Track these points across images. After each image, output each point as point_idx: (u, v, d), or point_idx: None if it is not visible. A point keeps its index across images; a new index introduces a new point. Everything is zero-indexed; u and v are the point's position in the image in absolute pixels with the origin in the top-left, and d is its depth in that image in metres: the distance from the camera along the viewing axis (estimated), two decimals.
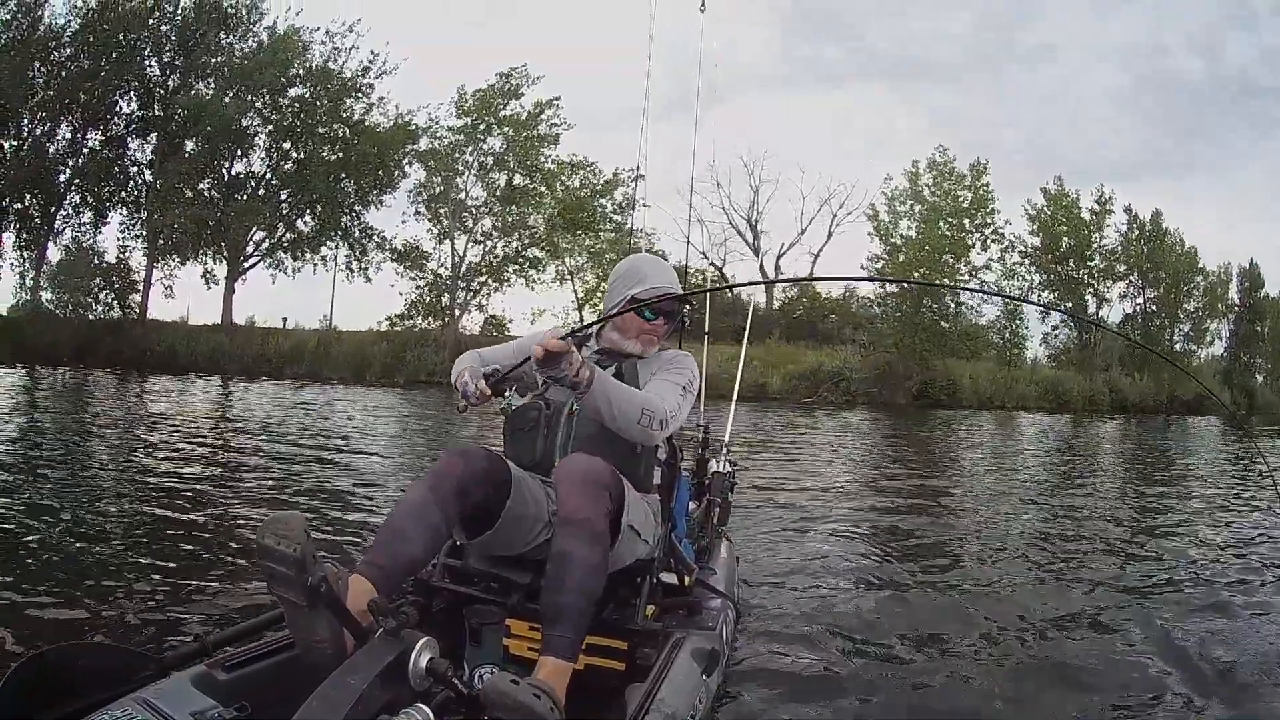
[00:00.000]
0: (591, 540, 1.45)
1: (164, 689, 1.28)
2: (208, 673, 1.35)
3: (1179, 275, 25.63)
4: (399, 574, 1.44)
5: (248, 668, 1.41)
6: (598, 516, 1.48)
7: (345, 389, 16.22)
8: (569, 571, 1.42)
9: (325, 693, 1.13)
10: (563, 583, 1.42)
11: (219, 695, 1.30)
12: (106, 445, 6.22)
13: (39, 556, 2.69)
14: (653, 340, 1.91)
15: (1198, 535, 4.99)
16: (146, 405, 10.74)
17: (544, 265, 20.47)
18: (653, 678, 1.56)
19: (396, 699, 1.18)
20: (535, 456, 1.74)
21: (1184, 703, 2.29)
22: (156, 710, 1.21)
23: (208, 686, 1.32)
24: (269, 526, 1.16)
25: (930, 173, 22.65)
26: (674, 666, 1.64)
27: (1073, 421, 18.00)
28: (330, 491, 4.82)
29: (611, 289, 1.94)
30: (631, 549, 1.69)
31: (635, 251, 13.43)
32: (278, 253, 21.72)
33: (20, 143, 20.85)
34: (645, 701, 1.47)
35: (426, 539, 1.45)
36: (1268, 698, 2.38)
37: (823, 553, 3.93)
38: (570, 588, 1.42)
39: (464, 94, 20.34)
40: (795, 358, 21.07)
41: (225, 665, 1.38)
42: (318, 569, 1.15)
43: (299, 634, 1.22)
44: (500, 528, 1.60)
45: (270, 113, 21.05)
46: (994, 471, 8.36)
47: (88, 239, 21.44)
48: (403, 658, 1.20)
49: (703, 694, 1.67)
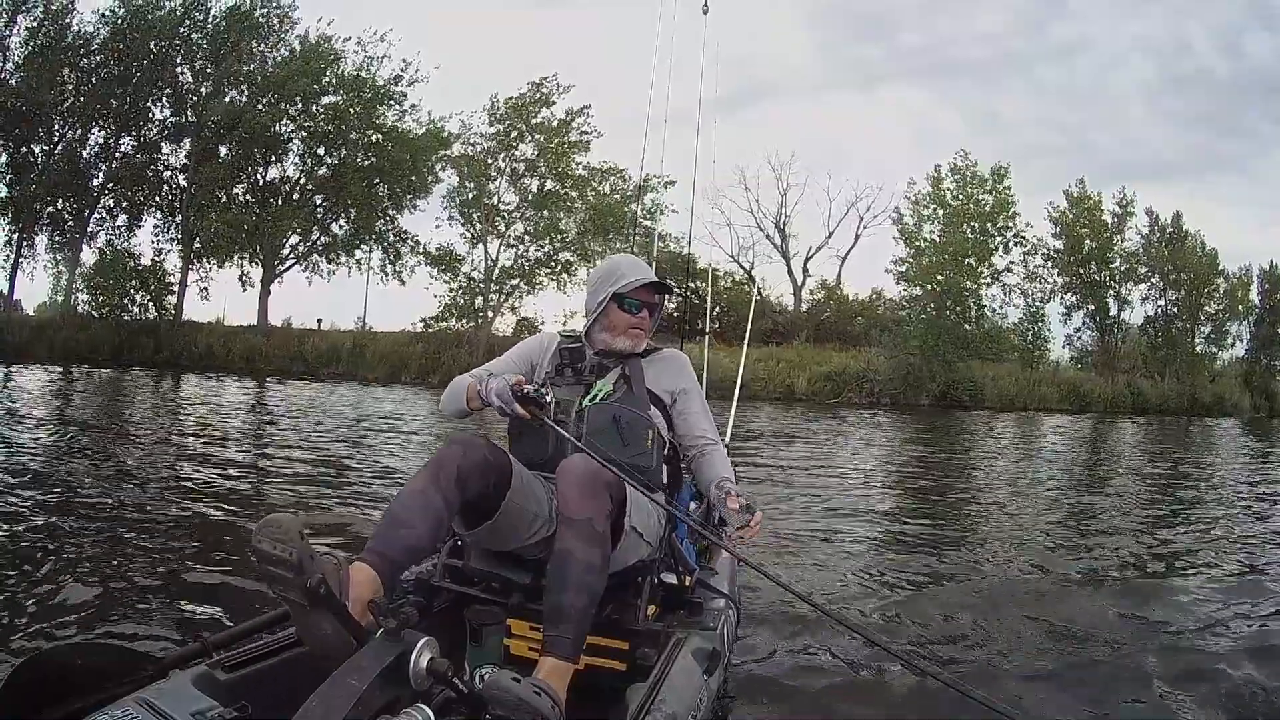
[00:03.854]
0: (592, 540, 1.45)
1: (164, 689, 1.27)
2: (208, 673, 1.34)
3: (1200, 278, 25.70)
4: (402, 561, 1.42)
5: (248, 668, 1.39)
6: (599, 516, 1.48)
7: (381, 389, 16.47)
8: (570, 571, 1.42)
9: (325, 693, 1.13)
10: (564, 582, 1.42)
11: (219, 695, 1.29)
12: (125, 444, 6.08)
13: (39, 555, 2.64)
14: (639, 334, 1.91)
15: (1220, 534, 5.00)
16: (178, 403, 10.74)
17: (575, 268, 20.76)
18: (653, 678, 1.55)
19: (397, 699, 1.19)
20: (547, 453, 1.73)
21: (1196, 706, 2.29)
22: (156, 710, 1.19)
23: (208, 686, 1.31)
24: (263, 530, 1.16)
25: (953, 177, 22.86)
26: (675, 667, 1.62)
27: (1093, 422, 18.11)
28: (351, 486, 4.78)
29: (593, 292, 1.93)
30: (634, 549, 1.69)
31: (665, 252, 13.59)
32: (313, 256, 22.16)
33: (51, 147, 21.28)
34: (646, 702, 1.46)
35: (428, 525, 1.43)
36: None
37: (825, 553, 3.92)
38: (571, 587, 1.41)
39: (496, 101, 20.72)
40: (822, 359, 21.29)
41: (225, 665, 1.37)
42: (315, 569, 1.15)
43: (305, 633, 1.23)
44: (499, 520, 1.58)
45: (304, 119, 21.45)
46: (1008, 473, 8.39)
47: (122, 242, 21.94)
48: (403, 658, 1.20)
49: (704, 694, 1.65)
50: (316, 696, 1.13)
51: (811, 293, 27.96)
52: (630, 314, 1.88)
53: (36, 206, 21.19)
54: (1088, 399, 22.42)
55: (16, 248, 21.15)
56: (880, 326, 23.48)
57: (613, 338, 1.89)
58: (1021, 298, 24.10)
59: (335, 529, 3.72)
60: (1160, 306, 25.89)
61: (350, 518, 3.92)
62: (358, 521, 3.81)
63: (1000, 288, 23.21)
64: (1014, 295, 23.79)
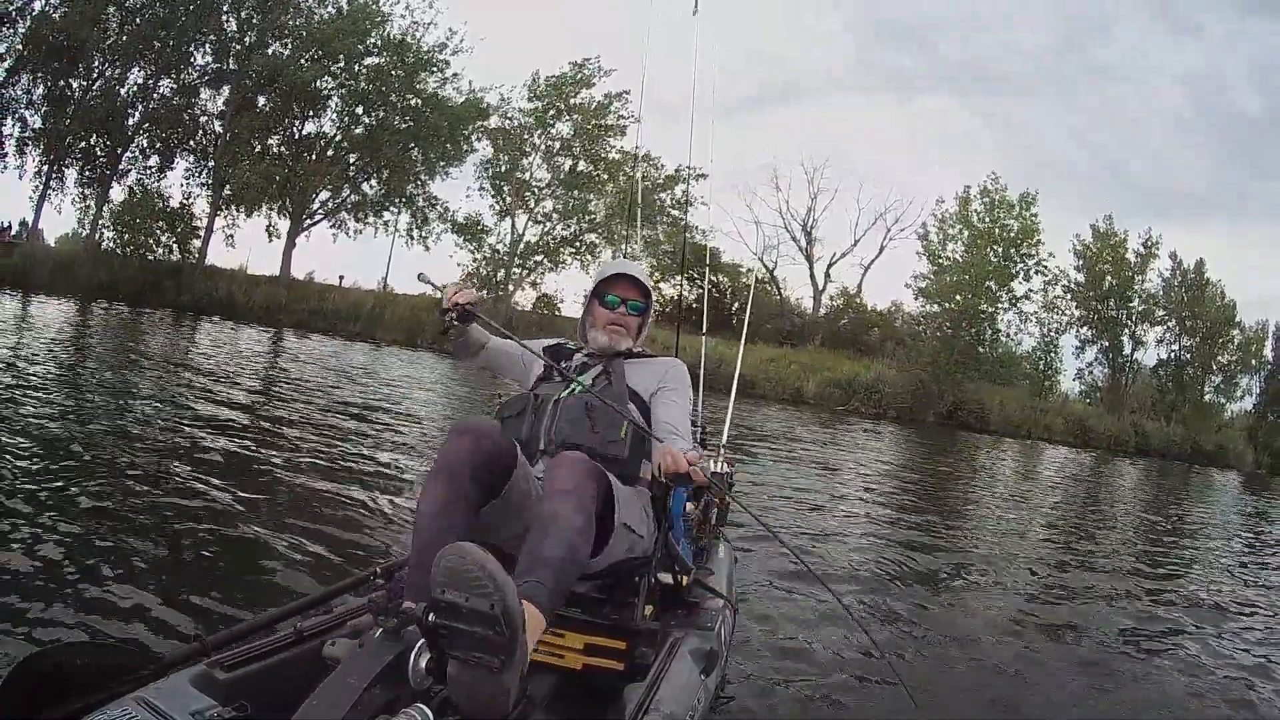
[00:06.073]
0: (578, 506, 1.42)
1: (163, 689, 1.26)
2: (207, 672, 1.33)
3: (1216, 327, 25.76)
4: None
5: (247, 668, 1.39)
6: (585, 491, 1.45)
7: (399, 350, 16.48)
8: (553, 526, 1.38)
9: (325, 693, 1.13)
10: (546, 534, 1.37)
11: (219, 695, 1.29)
12: (128, 411, 5.50)
13: (38, 555, 2.62)
14: (617, 330, 1.94)
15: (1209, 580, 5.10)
16: (195, 355, 10.44)
17: (599, 251, 20.88)
18: (651, 678, 1.55)
19: (396, 698, 1.18)
20: (522, 437, 1.76)
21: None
22: (156, 710, 1.19)
23: (207, 686, 1.30)
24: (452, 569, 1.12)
25: (982, 199, 22.97)
26: (672, 667, 1.63)
27: (1095, 458, 18.17)
28: (360, 470, 4.57)
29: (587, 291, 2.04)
30: (628, 543, 1.69)
31: (692, 242, 13.58)
32: (341, 213, 22.29)
33: (90, 83, 21.34)
34: (644, 702, 1.46)
35: (456, 537, 1.38)
36: None
37: (822, 554, 3.95)
38: (553, 539, 1.36)
39: (537, 79, 20.83)
40: (834, 365, 21.37)
41: (225, 665, 1.36)
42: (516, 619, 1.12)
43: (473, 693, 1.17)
44: (502, 500, 1.58)
45: (345, 78, 21.55)
46: (1010, 493, 8.48)
47: (152, 182, 22.02)
48: (403, 658, 1.19)
49: (701, 694, 1.66)
50: (316, 696, 1.14)
51: (831, 299, 28.11)
52: (608, 310, 1.94)
53: (69, 140, 21.28)
54: (1092, 434, 22.47)
55: (45, 179, 21.30)
56: (895, 339, 23.56)
57: (596, 334, 1.95)
58: (1037, 326, 24.21)
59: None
60: (1174, 351, 26.00)
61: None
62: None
63: (1017, 314, 23.31)
64: (1030, 323, 23.92)
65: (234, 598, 2.50)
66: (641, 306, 1.97)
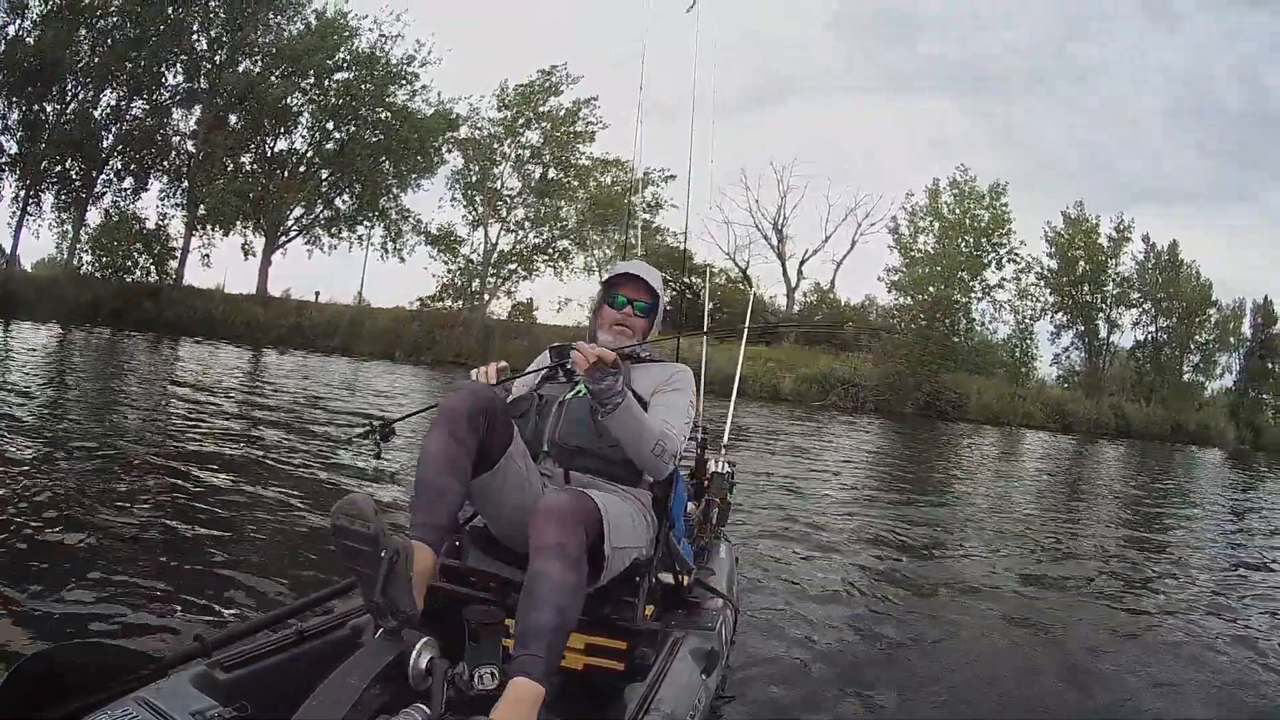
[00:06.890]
0: (566, 563, 1.43)
1: (164, 689, 1.27)
2: (207, 672, 1.34)
3: (1192, 307, 25.97)
4: (449, 526, 1.52)
5: (247, 668, 1.40)
6: (570, 543, 1.46)
7: (377, 364, 16.63)
8: (542, 590, 1.40)
9: (325, 692, 1.14)
10: (535, 602, 1.39)
11: (219, 695, 1.30)
12: (121, 427, 5.68)
13: (38, 554, 2.65)
14: (624, 331, 1.93)
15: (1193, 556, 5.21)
16: (176, 373, 10.56)
17: (573, 257, 21.10)
18: (652, 678, 1.56)
19: (396, 699, 1.19)
20: (526, 438, 1.77)
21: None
22: (156, 710, 1.20)
23: (207, 686, 1.31)
24: (341, 509, 1.25)
25: (951, 191, 23.16)
26: (673, 667, 1.64)
27: (1076, 442, 18.29)
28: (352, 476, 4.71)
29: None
30: (626, 560, 1.68)
31: (662, 246, 13.62)
32: (315, 228, 22.45)
33: (63, 106, 21.42)
34: (644, 702, 1.47)
35: (459, 479, 1.51)
36: None
37: (822, 553, 3.99)
38: (543, 606, 1.38)
39: (505, 87, 21.03)
40: (809, 361, 21.54)
41: (225, 665, 1.37)
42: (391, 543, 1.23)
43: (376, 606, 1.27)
44: (498, 473, 1.61)
45: (315, 93, 21.71)
46: (997, 483, 8.58)
47: (128, 204, 22.11)
48: (403, 658, 1.21)
49: (702, 694, 1.66)
50: (316, 696, 1.14)
51: (805, 295, 28.27)
52: (615, 309, 1.93)
53: (45, 165, 21.38)
54: (1072, 418, 22.66)
55: (23, 205, 21.38)
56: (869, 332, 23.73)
57: (603, 335, 1.92)
58: (1011, 314, 24.42)
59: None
60: (1150, 332, 26.26)
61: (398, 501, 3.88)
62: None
63: (991, 303, 23.53)
64: (1004, 311, 24.15)
65: (234, 598, 2.51)
66: (648, 307, 1.95)
